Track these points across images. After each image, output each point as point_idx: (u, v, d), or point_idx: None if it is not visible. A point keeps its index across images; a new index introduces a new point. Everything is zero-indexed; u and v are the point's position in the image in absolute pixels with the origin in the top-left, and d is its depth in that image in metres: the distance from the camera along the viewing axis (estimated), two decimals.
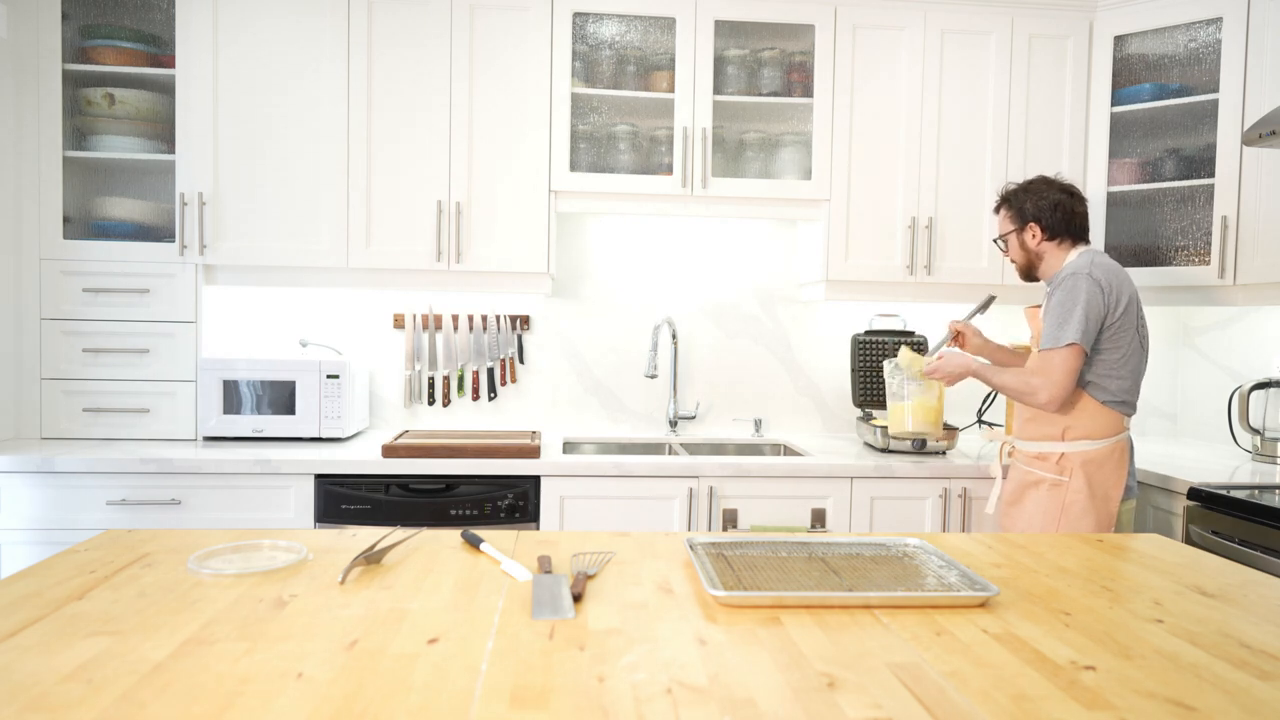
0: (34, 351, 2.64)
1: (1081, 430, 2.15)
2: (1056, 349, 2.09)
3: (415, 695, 0.89)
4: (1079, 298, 2.08)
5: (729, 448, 3.02)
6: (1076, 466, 2.14)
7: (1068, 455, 2.16)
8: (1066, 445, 2.16)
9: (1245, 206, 2.60)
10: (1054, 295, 2.14)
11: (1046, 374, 2.10)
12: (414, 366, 3.02)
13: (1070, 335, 2.07)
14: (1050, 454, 2.19)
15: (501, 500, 2.49)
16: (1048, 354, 2.11)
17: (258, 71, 2.65)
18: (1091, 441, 2.15)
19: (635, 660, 1.00)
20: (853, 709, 0.88)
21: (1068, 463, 2.15)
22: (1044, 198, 2.23)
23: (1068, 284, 2.11)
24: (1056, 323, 2.10)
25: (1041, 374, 2.11)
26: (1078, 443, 2.15)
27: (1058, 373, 2.09)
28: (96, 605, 1.15)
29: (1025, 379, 2.14)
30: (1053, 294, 2.15)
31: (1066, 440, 2.16)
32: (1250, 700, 0.92)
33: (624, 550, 1.49)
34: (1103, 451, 2.15)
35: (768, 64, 2.88)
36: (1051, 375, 2.09)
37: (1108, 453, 2.15)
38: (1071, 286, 2.10)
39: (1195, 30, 2.77)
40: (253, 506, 2.43)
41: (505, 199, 2.74)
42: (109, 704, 0.86)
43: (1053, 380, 2.09)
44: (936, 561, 1.40)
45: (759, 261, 3.18)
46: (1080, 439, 2.15)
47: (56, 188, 2.62)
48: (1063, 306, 2.10)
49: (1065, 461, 2.16)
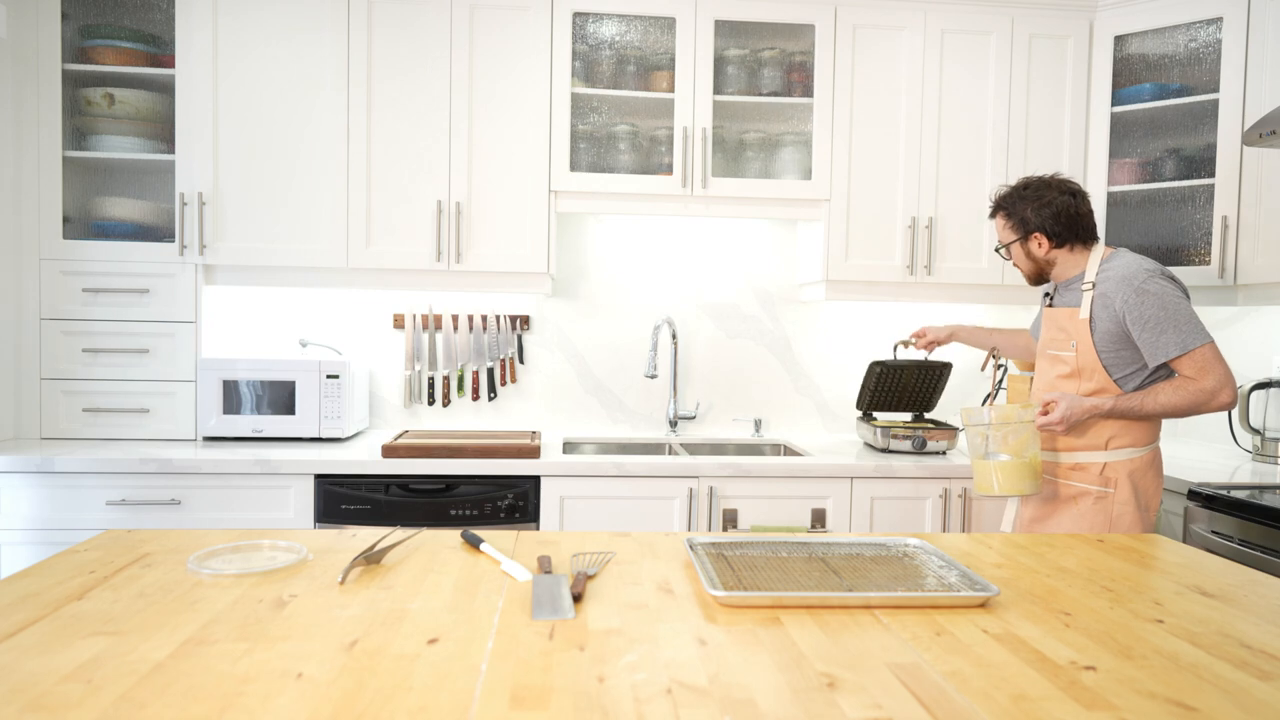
0: (34, 351, 2.64)
1: (1127, 438, 2.01)
2: (1199, 348, 1.89)
3: (415, 695, 0.89)
4: (1170, 295, 1.92)
5: (729, 448, 3.02)
6: (1123, 476, 2.00)
7: (1112, 465, 2.01)
8: (1110, 454, 2.01)
9: (1245, 206, 2.60)
10: (1131, 308, 1.93)
11: (1213, 371, 1.89)
12: (414, 366, 3.02)
13: (1203, 334, 1.90)
14: (1092, 464, 2.03)
15: (501, 500, 2.49)
16: (1196, 354, 1.89)
17: (258, 72, 2.65)
18: (1135, 449, 2.02)
19: (635, 660, 1.00)
20: (853, 709, 0.88)
21: (1112, 472, 2.01)
22: (1046, 204, 2.05)
23: (1150, 292, 1.91)
24: (1172, 326, 1.90)
25: (1208, 374, 1.89)
26: (1122, 451, 2.01)
27: (1221, 365, 1.90)
28: (96, 605, 1.15)
29: (1191, 388, 1.91)
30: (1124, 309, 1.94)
31: (1110, 449, 2.01)
32: (1250, 700, 0.92)
33: (624, 550, 1.49)
34: (1145, 458, 2.03)
35: (768, 64, 2.88)
36: (1218, 370, 1.89)
37: (1150, 459, 2.04)
38: (1158, 293, 1.91)
39: (1195, 30, 2.77)
40: (253, 506, 2.43)
41: (505, 199, 2.74)
42: (109, 704, 0.86)
43: (1223, 374, 1.90)
44: (936, 561, 1.40)
45: (759, 261, 3.18)
46: (1125, 447, 2.01)
47: (56, 188, 2.62)
48: (1165, 312, 1.90)
49: (1110, 471, 2.01)
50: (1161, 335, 1.90)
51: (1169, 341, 1.90)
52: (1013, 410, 1.97)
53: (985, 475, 2.01)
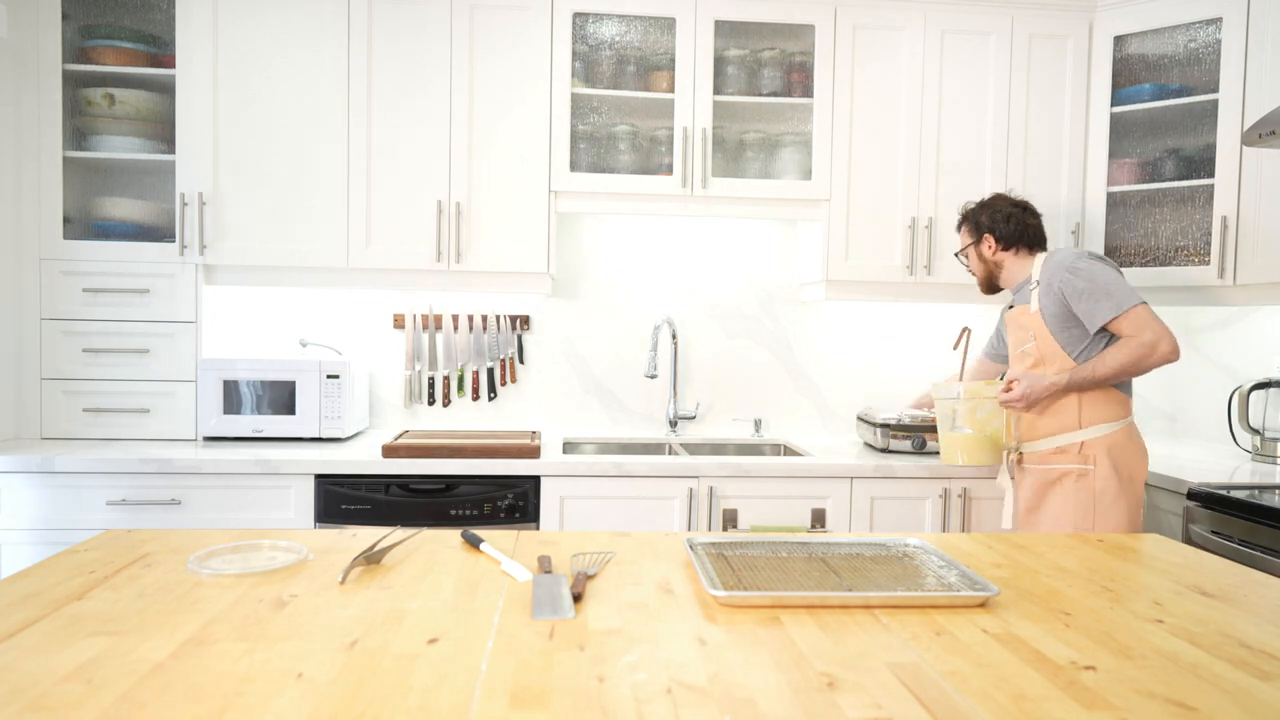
0: (34, 351, 2.64)
1: (1098, 414, 2.14)
2: (1131, 308, 2.06)
3: (415, 695, 0.89)
4: (1098, 270, 2.10)
5: (729, 448, 3.02)
6: (1101, 452, 2.12)
7: (1089, 442, 2.14)
8: (1086, 432, 2.14)
9: (1245, 206, 2.60)
10: (1068, 286, 2.11)
11: (1148, 326, 2.04)
12: (414, 366, 3.02)
13: (1130, 295, 2.07)
14: (1070, 445, 2.16)
15: (501, 500, 2.49)
16: (1131, 314, 2.06)
17: (258, 71, 2.65)
18: (1109, 424, 2.14)
19: (635, 660, 1.00)
20: (853, 709, 0.88)
21: (1090, 449, 2.13)
22: (996, 211, 2.33)
23: (1081, 270, 2.11)
24: (1103, 294, 2.07)
25: (1145, 328, 2.05)
26: (1097, 427, 2.14)
27: (1156, 321, 2.05)
28: (96, 605, 1.15)
29: (1132, 344, 2.06)
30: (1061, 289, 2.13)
31: (1085, 427, 2.14)
32: (1250, 700, 0.92)
33: (624, 550, 1.49)
34: (1122, 432, 2.14)
35: (768, 64, 2.88)
36: (1154, 325, 2.04)
37: (1126, 433, 2.15)
38: (1085, 269, 2.11)
39: (1195, 30, 2.77)
40: (253, 506, 2.43)
41: (505, 199, 2.74)
42: (109, 704, 0.86)
43: (1160, 328, 2.04)
44: (936, 561, 1.40)
45: (759, 262, 3.18)
46: (1099, 423, 2.14)
47: (56, 188, 2.62)
48: (1095, 283, 2.08)
49: (1088, 449, 2.14)
50: (1096, 304, 2.09)
51: (1104, 307, 2.08)
52: (978, 387, 2.18)
53: (951, 447, 2.23)
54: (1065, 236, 2.88)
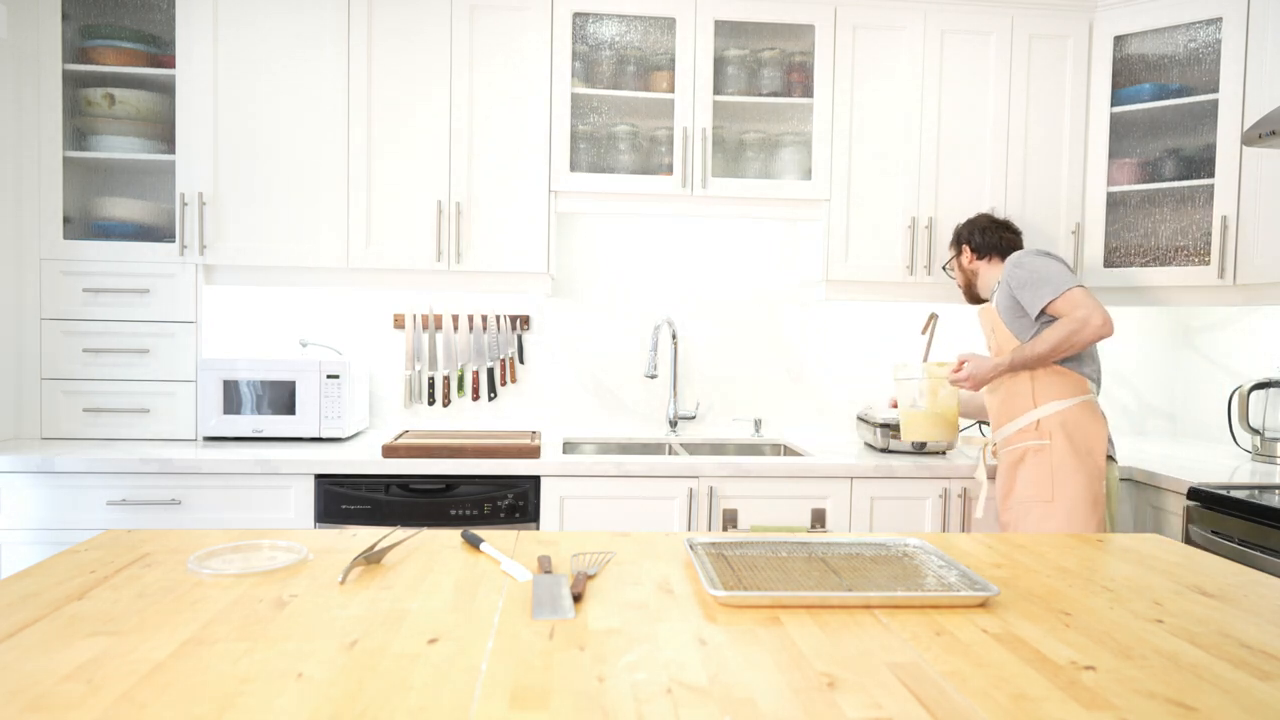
0: (34, 351, 2.64)
1: (1050, 392, 2.27)
2: (1067, 290, 2.20)
3: (415, 695, 0.89)
4: (1040, 262, 2.27)
5: (729, 448, 3.02)
6: (1055, 426, 2.25)
7: (1044, 419, 2.27)
8: (1040, 410, 2.28)
9: (1245, 206, 2.60)
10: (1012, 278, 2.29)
11: (1082, 304, 2.18)
12: (414, 366, 3.02)
13: (1068, 280, 2.21)
14: (1028, 424, 2.30)
15: (501, 500, 2.49)
16: (1067, 296, 2.19)
17: (258, 71, 2.65)
18: (1062, 400, 2.26)
19: (635, 660, 1.00)
20: (853, 709, 0.88)
21: (1046, 425, 2.27)
22: (976, 224, 2.54)
23: (1024, 263, 2.29)
24: (1043, 281, 2.23)
25: (1078, 306, 2.18)
26: (1050, 404, 2.27)
27: (1089, 300, 2.18)
28: (96, 605, 1.15)
29: (1066, 324, 2.18)
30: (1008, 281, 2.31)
31: (1039, 405, 2.28)
32: (1250, 700, 0.92)
33: (624, 550, 1.49)
34: (1077, 408, 2.26)
35: (768, 64, 2.88)
36: (1086, 303, 2.17)
37: (1081, 409, 2.26)
38: (1028, 262, 2.28)
39: (1195, 30, 2.77)
40: (253, 506, 2.43)
41: (505, 199, 2.74)
42: (109, 704, 0.86)
43: (1092, 304, 2.17)
44: (936, 561, 1.40)
45: (759, 261, 3.18)
46: (1051, 400, 2.27)
47: (56, 188, 2.62)
48: (1035, 273, 2.25)
49: (1043, 425, 2.27)
50: (1037, 291, 2.25)
51: (1043, 292, 2.23)
52: (931, 367, 2.36)
53: (910, 423, 2.41)
54: (1065, 236, 2.88)
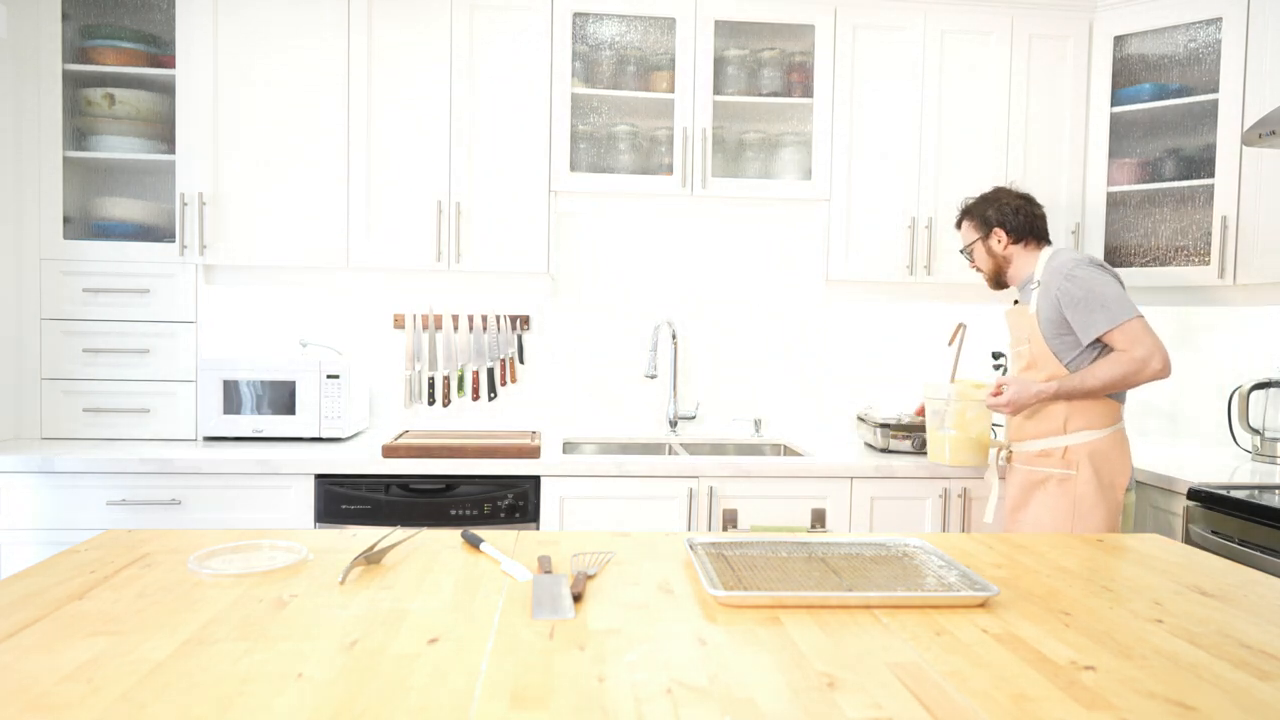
0: (34, 351, 2.64)
1: (1083, 420, 2.15)
2: (1126, 322, 2.05)
3: (415, 695, 0.89)
4: (1097, 278, 2.09)
5: (729, 448, 3.02)
6: (1083, 458, 2.14)
7: (1072, 448, 2.15)
8: (1070, 438, 2.15)
9: (1245, 206, 2.60)
10: (1064, 293, 2.11)
11: (1142, 341, 2.04)
12: (414, 366, 3.02)
13: (1127, 308, 2.06)
14: (1054, 449, 2.17)
15: (501, 500, 2.49)
16: (1125, 328, 2.05)
17: (258, 72, 2.65)
18: (1094, 431, 2.14)
19: (635, 660, 1.00)
20: (853, 709, 0.88)
21: (1073, 455, 2.15)
22: (1005, 204, 2.31)
23: (1078, 277, 2.10)
24: (1099, 305, 2.07)
25: (1138, 344, 2.04)
26: (1081, 433, 2.15)
27: (1150, 336, 2.05)
28: (96, 605, 1.15)
29: (1123, 359, 2.05)
30: (1058, 295, 2.13)
31: (1069, 432, 2.15)
32: (1250, 700, 0.92)
33: (624, 550, 1.49)
34: (1107, 440, 2.14)
35: (768, 64, 2.88)
36: (1147, 340, 2.04)
37: (1112, 441, 2.15)
38: (1084, 277, 2.10)
39: (1195, 30, 2.77)
40: (253, 506, 2.43)
41: (505, 199, 2.74)
42: (109, 704, 0.86)
43: (1153, 344, 2.04)
44: (936, 561, 1.40)
45: (759, 261, 3.18)
46: (1083, 429, 2.15)
47: (56, 188, 2.62)
48: (1091, 293, 2.08)
49: (1071, 454, 2.15)
50: (1091, 314, 2.09)
51: (1099, 319, 2.08)
52: (967, 388, 2.21)
53: (938, 446, 2.29)
54: (1065, 237, 2.87)
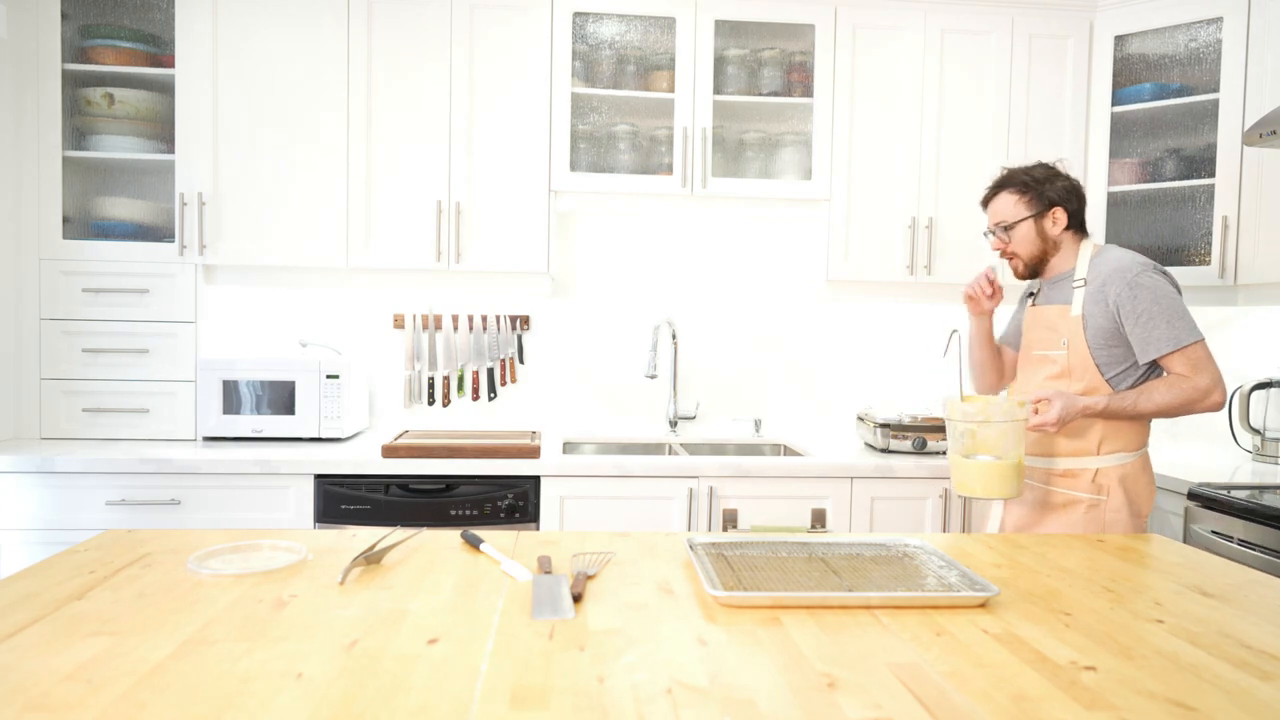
0: (34, 351, 2.64)
1: (1118, 442, 1.94)
2: (1192, 345, 1.84)
3: (415, 695, 0.89)
4: (1164, 289, 1.87)
5: (729, 448, 3.02)
6: (1114, 482, 1.93)
7: (1104, 471, 1.94)
8: (1102, 460, 1.94)
9: (1245, 206, 2.60)
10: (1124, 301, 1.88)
11: (1206, 370, 1.84)
12: (414, 366, 3.02)
13: (1194, 331, 1.85)
14: (1083, 470, 1.95)
15: (501, 500, 2.49)
16: (1189, 351, 1.84)
17: (258, 71, 2.65)
18: (1126, 454, 1.94)
19: (635, 660, 1.00)
20: (853, 709, 0.88)
21: (1104, 479, 1.93)
22: (1065, 184, 2.00)
23: (1144, 286, 1.87)
24: (1165, 322, 1.85)
25: (1202, 372, 1.84)
26: (1114, 456, 1.94)
27: (1214, 365, 1.85)
28: (96, 605, 1.15)
29: (1184, 385, 1.84)
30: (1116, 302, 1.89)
31: (1102, 454, 1.94)
32: (1250, 700, 0.92)
33: (624, 550, 1.49)
34: (1137, 463, 1.96)
35: (768, 64, 2.88)
36: (1211, 369, 1.85)
37: (1141, 464, 1.97)
38: (1150, 285, 1.86)
39: (1195, 30, 2.77)
40: (252, 506, 2.43)
41: (505, 199, 2.74)
42: (109, 704, 0.86)
43: (1217, 374, 1.85)
44: (937, 562, 1.40)
45: (759, 261, 3.18)
46: (1116, 451, 1.94)
47: (56, 188, 2.62)
48: (1158, 305, 1.85)
49: (1102, 478, 1.93)
50: (1154, 330, 1.85)
51: (1161, 336, 1.85)
52: (1002, 407, 1.78)
53: (965, 475, 1.84)
54: None
